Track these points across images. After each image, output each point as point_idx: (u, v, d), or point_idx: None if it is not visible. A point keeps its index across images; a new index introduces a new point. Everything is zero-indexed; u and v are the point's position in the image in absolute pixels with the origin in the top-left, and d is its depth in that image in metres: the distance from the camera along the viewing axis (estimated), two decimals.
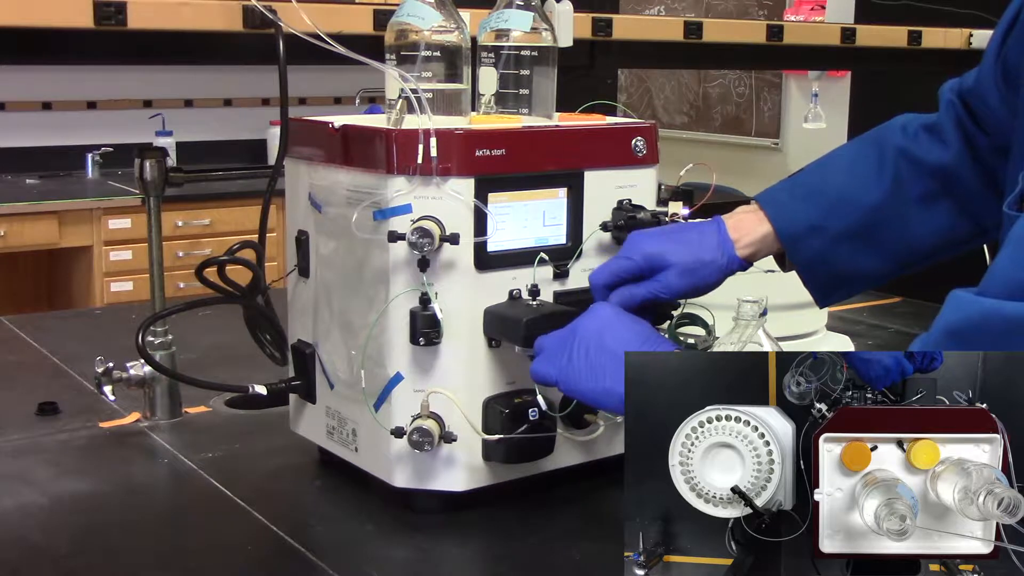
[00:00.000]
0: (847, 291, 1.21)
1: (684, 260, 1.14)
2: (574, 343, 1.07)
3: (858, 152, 1.19)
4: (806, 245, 1.17)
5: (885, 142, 1.17)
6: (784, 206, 1.18)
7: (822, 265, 1.17)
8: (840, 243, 1.16)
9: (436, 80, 1.20)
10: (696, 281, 1.15)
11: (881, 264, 1.17)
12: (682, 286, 1.15)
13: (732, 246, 1.16)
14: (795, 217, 1.17)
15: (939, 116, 1.18)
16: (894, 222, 1.15)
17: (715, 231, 1.17)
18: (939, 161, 1.14)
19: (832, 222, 1.16)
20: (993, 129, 1.12)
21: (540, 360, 1.11)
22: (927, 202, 1.15)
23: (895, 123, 1.20)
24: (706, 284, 1.17)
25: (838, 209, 1.16)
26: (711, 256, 1.15)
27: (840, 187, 1.17)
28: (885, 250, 1.17)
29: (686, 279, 1.15)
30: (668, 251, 1.15)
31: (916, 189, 1.15)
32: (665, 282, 1.15)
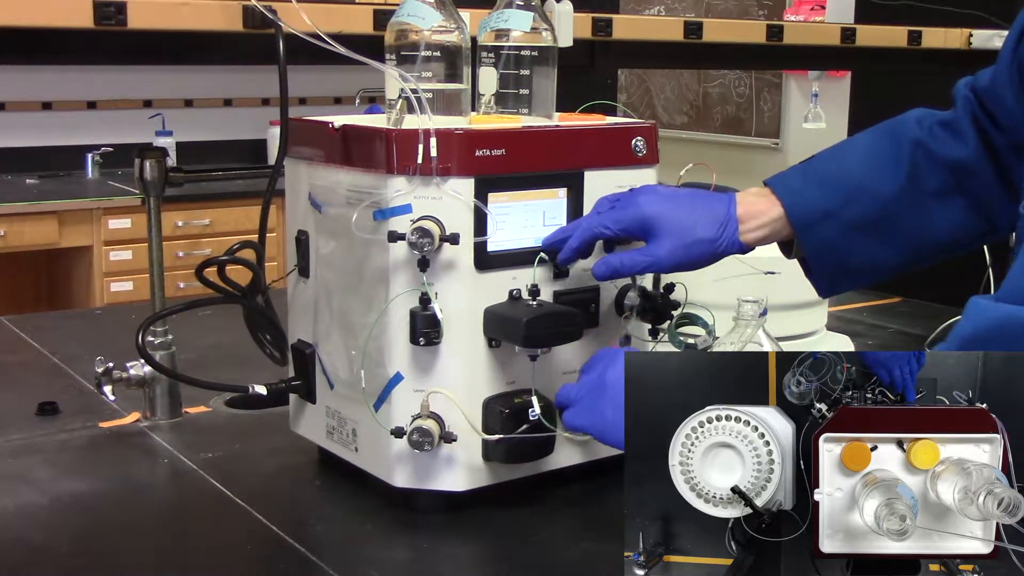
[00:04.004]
0: (852, 282, 1.20)
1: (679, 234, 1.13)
2: (606, 397, 1.07)
3: (874, 142, 1.18)
4: (818, 231, 1.15)
5: (901, 134, 1.17)
6: (798, 191, 1.16)
7: (832, 253, 1.16)
8: (853, 232, 1.15)
9: (436, 80, 1.20)
10: (690, 257, 1.14)
11: (892, 256, 1.17)
12: (673, 262, 1.14)
13: (736, 229, 1.15)
14: (809, 202, 1.15)
15: (955, 112, 1.17)
16: (909, 215, 1.14)
17: (724, 209, 1.15)
18: (956, 156, 1.13)
19: (847, 210, 1.14)
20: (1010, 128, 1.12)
21: (574, 414, 1.12)
22: (942, 197, 1.14)
23: (910, 116, 1.19)
24: (699, 263, 1.15)
25: (854, 198, 1.15)
26: (711, 235, 1.14)
27: (857, 176, 1.16)
28: (897, 243, 1.16)
29: (678, 255, 1.14)
30: (665, 219, 1.13)
31: (932, 183, 1.14)
32: (654, 257, 1.14)
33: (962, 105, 1.16)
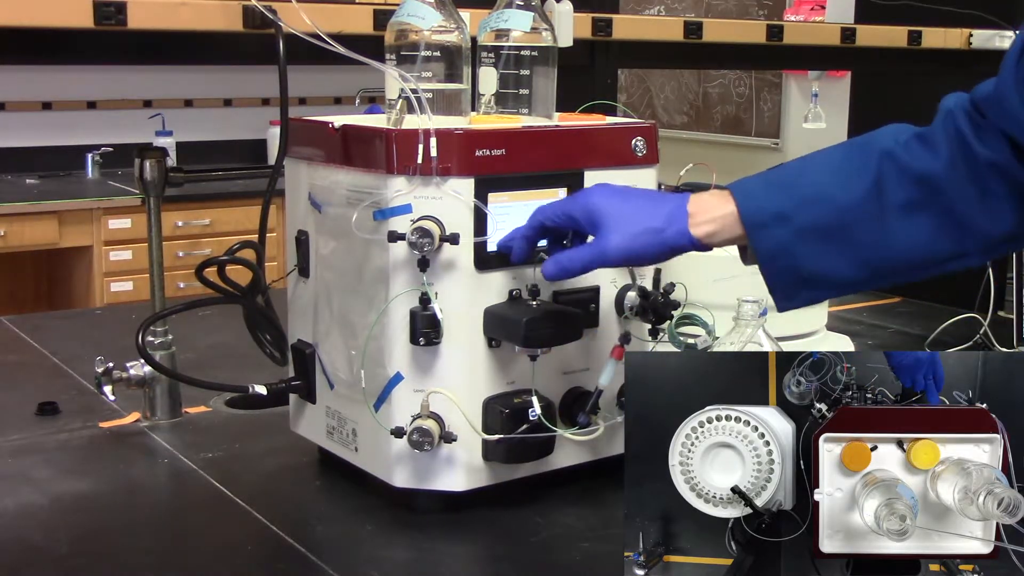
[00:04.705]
0: (811, 295, 1.14)
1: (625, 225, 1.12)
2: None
3: (843, 152, 1.14)
4: (769, 233, 1.10)
5: (872, 144, 1.12)
6: (753, 193, 1.13)
7: (784, 258, 1.11)
8: (806, 237, 1.10)
9: (436, 80, 1.20)
10: (636, 249, 1.12)
11: (849, 269, 1.11)
12: (621, 254, 1.12)
13: (684, 220, 1.11)
14: (762, 203, 1.11)
15: (932, 125, 1.11)
16: (868, 226, 1.09)
17: (674, 202, 1.13)
18: (925, 169, 1.08)
19: (801, 214, 1.10)
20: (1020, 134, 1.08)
21: None
22: (907, 211, 1.08)
23: (887, 128, 1.14)
24: (648, 254, 1.13)
25: (810, 202, 1.10)
26: (657, 224, 1.11)
27: (817, 182, 1.11)
28: (855, 255, 1.10)
29: (625, 245, 1.11)
30: (612, 209, 1.12)
31: (897, 196, 1.09)
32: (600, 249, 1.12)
33: (943, 119, 1.11)
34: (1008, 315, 1.89)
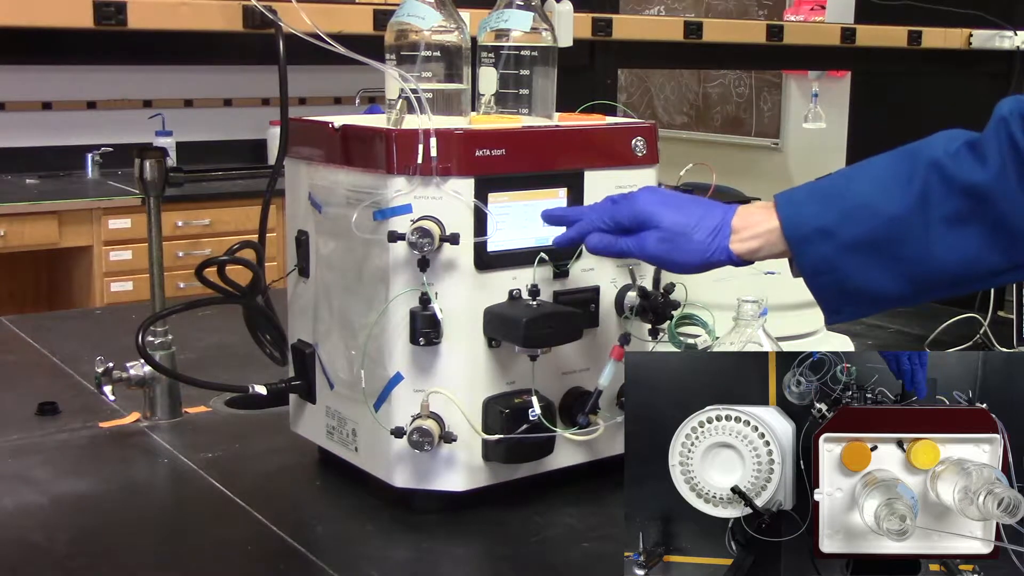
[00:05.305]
0: (857, 309, 1.12)
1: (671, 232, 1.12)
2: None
3: (891, 162, 1.10)
4: (813, 249, 1.09)
5: (920, 153, 1.08)
6: (798, 205, 1.11)
7: (829, 274, 1.09)
8: (851, 252, 1.07)
9: (436, 80, 1.20)
10: (673, 255, 1.12)
11: (894, 284, 1.08)
12: (657, 254, 1.13)
13: (728, 237, 1.11)
14: (805, 217, 1.09)
15: (985, 132, 1.07)
16: (914, 239, 1.06)
17: (720, 216, 1.13)
18: (974, 180, 1.04)
19: (844, 228, 1.07)
20: None
21: None
22: (954, 223, 1.04)
23: (939, 135, 1.10)
24: (687, 266, 1.13)
25: (854, 215, 1.07)
26: (700, 237, 1.11)
27: (861, 193, 1.08)
28: (901, 269, 1.07)
29: (663, 248, 1.12)
30: (661, 216, 1.13)
31: (944, 207, 1.05)
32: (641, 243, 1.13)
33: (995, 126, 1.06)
34: (1008, 315, 1.89)
